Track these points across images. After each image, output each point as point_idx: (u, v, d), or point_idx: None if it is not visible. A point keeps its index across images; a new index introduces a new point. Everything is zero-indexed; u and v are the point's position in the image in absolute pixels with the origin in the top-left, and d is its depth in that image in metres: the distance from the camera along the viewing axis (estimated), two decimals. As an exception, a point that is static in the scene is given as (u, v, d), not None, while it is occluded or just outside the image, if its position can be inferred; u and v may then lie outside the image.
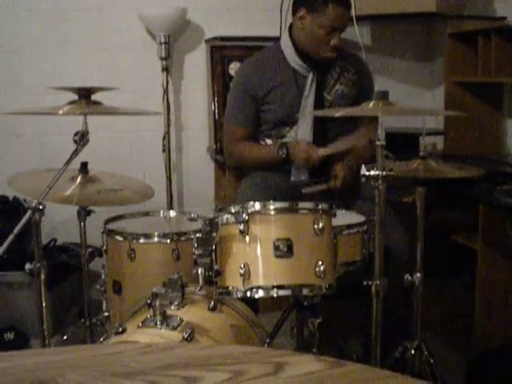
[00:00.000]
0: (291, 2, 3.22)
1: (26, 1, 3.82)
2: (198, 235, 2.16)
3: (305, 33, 3.07)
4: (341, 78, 3.17)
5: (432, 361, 2.60)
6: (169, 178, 4.06)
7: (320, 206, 2.11)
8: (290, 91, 3.12)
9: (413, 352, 2.61)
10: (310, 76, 3.11)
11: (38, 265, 2.14)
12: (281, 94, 3.12)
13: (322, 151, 2.97)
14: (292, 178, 3.11)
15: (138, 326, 1.99)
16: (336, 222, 2.24)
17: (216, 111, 3.91)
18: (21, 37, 3.85)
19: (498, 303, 3.19)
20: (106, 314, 2.60)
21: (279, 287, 2.04)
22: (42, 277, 2.15)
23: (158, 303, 1.95)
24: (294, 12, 3.11)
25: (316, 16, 3.00)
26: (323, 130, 3.11)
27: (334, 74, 3.16)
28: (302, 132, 3.10)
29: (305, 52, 3.10)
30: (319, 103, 3.12)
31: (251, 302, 2.34)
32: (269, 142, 3.19)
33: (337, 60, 3.16)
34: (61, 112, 2.21)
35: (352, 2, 3.19)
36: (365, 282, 2.23)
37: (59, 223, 3.86)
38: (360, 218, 2.53)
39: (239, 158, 3.30)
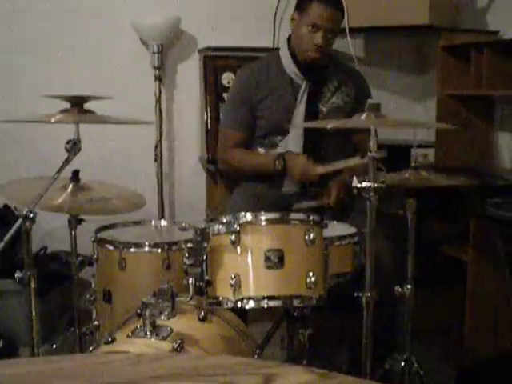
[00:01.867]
0: (285, 13, 3.24)
1: (18, 9, 3.82)
2: (188, 245, 2.16)
3: (294, 34, 3.12)
4: (338, 92, 3.17)
5: (422, 373, 2.60)
6: (160, 188, 4.05)
7: (311, 218, 2.11)
8: (284, 99, 3.12)
9: (402, 364, 2.61)
10: (304, 85, 3.12)
11: (28, 273, 2.13)
12: (275, 101, 3.13)
13: (321, 169, 2.95)
14: (283, 189, 3.11)
15: (128, 336, 1.98)
16: (327, 233, 2.24)
17: (208, 121, 3.91)
18: (13, 45, 3.84)
19: (487, 315, 3.20)
20: (96, 323, 2.59)
21: (270, 298, 2.04)
22: (32, 285, 2.14)
23: (147, 313, 1.95)
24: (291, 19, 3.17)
25: (302, 15, 3.05)
26: (315, 142, 3.11)
27: (331, 87, 3.17)
28: (292, 142, 3.10)
29: (297, 58, 3.11)
30: (313, 114, 3.12)
31: (241, 313, 2.33)
32: (261, 150, 3.19)
33: (336, 73, 3.17)
34: (53, 120, 2.21)
35: (345, 10, 3.19)
36: (355, 294, 2.24)
37: (50, 231, 3.85)
38: (351, 230, 2.53)
39: (233, 165, 3.29)
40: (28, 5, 3.84)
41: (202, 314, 2.13)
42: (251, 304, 2.04)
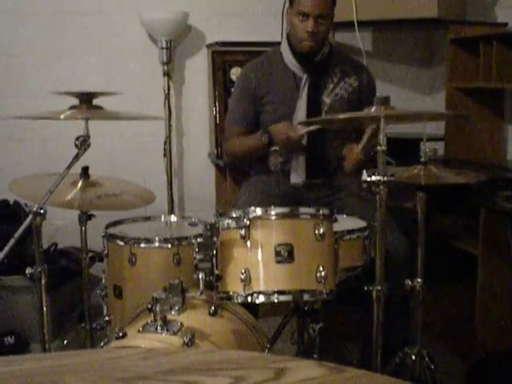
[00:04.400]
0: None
1: (28, 5, 3.83)
2: (198, 240, 2.16)
3: (290, 27, 3.12)
4: (341, 83, 3.16)
5: (432, 366, 2.60)
6: (170, 183, 4.06)
7: (321, 212, 2.11)
8: (287, 93, 3.12)
9: (413, 357, 2.61)
10: (304, 78, 3.11)
11: (39, 269, 2.14)
12: (278, 95, 3.13)
13: (302, 129, 2.94)
14: (291, 182, 3.11)
15: (139, 331, 1.99)
16: (337, 227, 2.24)
17: (217, 116, 3.91)
18: (22, 41, 3.85)
19: (498, 309, 3.19)
20: (107, 318, 2.60)
21: (280, 292, 2.04)
22: (43, 281, 2.15)
23: (158, 308, 1.95)
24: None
25: (292, 6, 3.05)
26: (320, 134, 3.10)
27: (335, 78, 3.16)
28: None
29: (296, 50, 3.11)
30: (317, 106, 3.11)
31: (252, 307, 2.33)
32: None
33: (338, 64, 3.16)
34: (62, 117, 2.21)
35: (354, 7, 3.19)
36: (366, 288, 2.23)
37: (60, 227, 3.86)
38: (361, 224, 2.53)
39: (231, 152, 3.34)
40: (36, 3, 3.85)
41: (213, 308, 2.13)
42: (261, 298, 2.04)
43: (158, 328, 1.96)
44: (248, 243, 2.05)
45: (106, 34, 3.97)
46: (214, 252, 2.10)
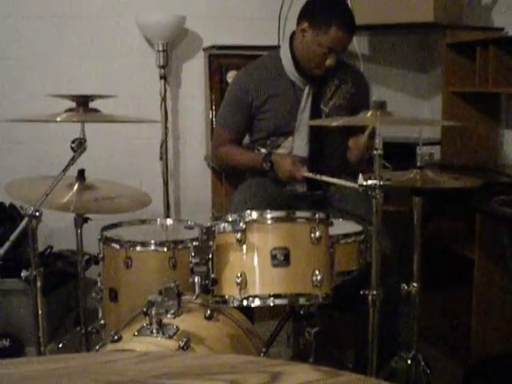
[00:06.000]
0: (290, 11, 3.22)
1: (24, 8, 3.83)
2: (194, 243, 2.15)
3: (303, 46, 3.05)
4: (338, 91, 3.16)
5: (428, 371, 2.59)
6: (166, 186, 4.06)
7: (317, 215, 2.11)
8: (286, 101, 3.11)
9: (409, 362, 2.60)
10: (307, 89, 3.10)
11: (34, 272, 2.13)
12: (277, 103, 3.11)
13: (307, 174, 2.93)
14: (286, 188, 3.11)
15: (134, 335, 1.98)
16: (333, 231, 2.23)
17: (213, 119, 3.90)
18: (19, 44, 3.85)
19: (494, 313, 3.19)
20: (102, 321, 2.59)
21: (276, 296, 2.04)
22: (38, 284, 2.15)
23: (154, 311, 1.95)
24: (298, 23, 3.09)
25: (317, 33, 2.98)
26: (319, 144, 3.10)
27: (332, 87, 3.15)
28: (297, 146, 3.09)
29: (300, 66, 3.10)
30: (316, 115, 3.11)
31: (247, 311, 2.33)
32: (263, 151, 3.18)
33: (336, 73, 3.15)
34: (58, 119, 2.21)
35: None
36: (361, 292, 2.24)
37: (56, 230, 3.86)
38: (357, 228, 2.53)
39: (223, 161, 3.35)
40: (32, 5, 3.85)
41: (208, 312, 2.13)
42: (257, 302, 2.04)
43: (154, 331, 1.96)
44: (244, 247, 2.04)
45: (103, 37, 3.97)
46: (210, 256, 2.09)
